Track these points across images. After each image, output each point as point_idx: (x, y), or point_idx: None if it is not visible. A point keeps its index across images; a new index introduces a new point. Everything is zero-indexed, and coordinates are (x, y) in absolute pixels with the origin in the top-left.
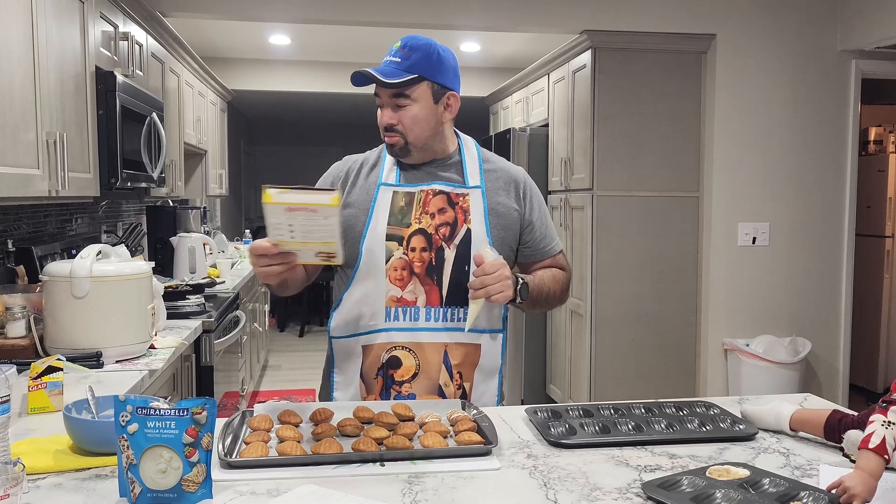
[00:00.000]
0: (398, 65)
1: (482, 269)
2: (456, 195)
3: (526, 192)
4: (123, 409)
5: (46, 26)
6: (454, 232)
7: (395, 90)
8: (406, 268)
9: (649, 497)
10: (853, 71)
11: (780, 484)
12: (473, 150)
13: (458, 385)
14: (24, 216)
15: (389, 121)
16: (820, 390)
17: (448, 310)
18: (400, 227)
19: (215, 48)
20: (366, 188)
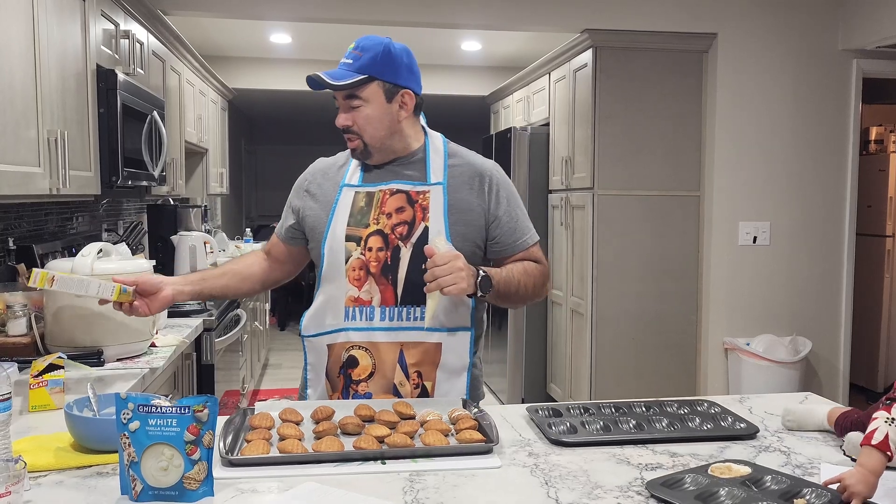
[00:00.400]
0: (349, 66)
1: (433, 261)
2: (416, 193)
3: (492, 186)
4: (125, 407)
5: (48, 24)
6: (412, 230)
7: (347, 91)
8: (363, 268)
9: (653, 496)
10: (854, 70)
11: (783, 481)
12: (440, 145)
13: (415, 384)
14: (25, 214)
15: (344, 122)
16: (820, 389)
17: (403, 309)
18: (359, 227)
19: (216, 46)
20: (330, 190)
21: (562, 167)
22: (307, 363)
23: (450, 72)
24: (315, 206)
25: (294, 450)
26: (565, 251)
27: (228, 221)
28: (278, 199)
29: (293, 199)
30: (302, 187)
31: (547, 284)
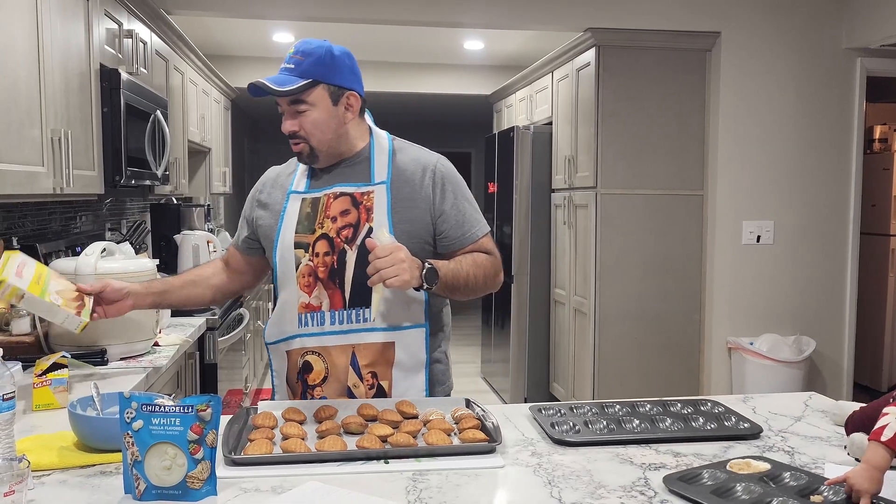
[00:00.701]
0: (291, 71)
1: (374, 254)
2: (360, 194)
3: (437, 180)
4: (128, 406)
5: (51, 23)
6: (356, 232)
7: (292, 97)
8: (312, 274)
9: (670, 490)
10: (858, 69)
11: (801, 478)
12: (385, 143)
13: (369, 385)
14: (29, 213)
15: (291, 128)
16: (824, 389)
17: (353, 311)
18: (306, 233)
19: (219, 46)
20: (279, 198)
21: (565, 166)
22: (273, 370)
23: (452, 71)
24: (266, 216)
25: (297, 449)
26: (568, 250)
27: (231, 220)
28: None
29: (246, 209)
30: (254, 197)
31: (499, 275)
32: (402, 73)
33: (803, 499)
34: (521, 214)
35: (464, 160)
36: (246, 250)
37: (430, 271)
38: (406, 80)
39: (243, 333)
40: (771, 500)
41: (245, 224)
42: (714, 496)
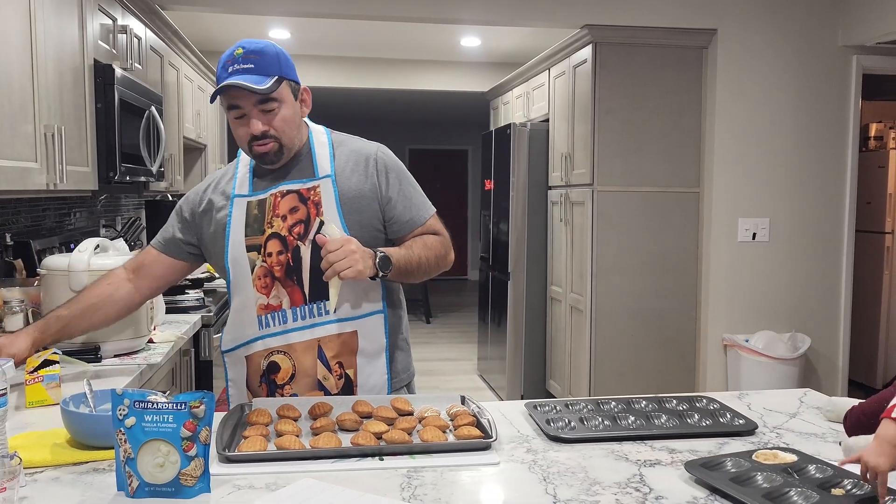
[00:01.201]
0: (253, 70)
1: (326, 248)
2: (306, 190)
3: (379, 168)
4: (121, 403)
5: (45, 18)
6: (308, 228)
7: (261, 96)
8: (267, 274)
9: (692, 476)
10: (854, 66)
11: (826, 470)
12: (324, 138)
13: (338, 375)
14: (23, 210)
15: (262, 128)
16: (819, 386)
17: (313, 306)
18: (256, 235)
19: (215, 42)
20: (222, 203)
21: (561, 163)
22: (228, 380)
23: (449, 68)
24: (211, 222)
25: (291, 446)
26: (565, 247)
27: None
28: None
29: (185, 214)
30: (195, 202)
31: (450, 254)
32: (399, 69)
33: (824, 491)
34: (518, 211)
35: (461, 157)
36: (178, 254)
37: (383, 259)
38: (402, 77)
39: None
40: (789, 490)
41: (182, 228)
42: (732, 483)
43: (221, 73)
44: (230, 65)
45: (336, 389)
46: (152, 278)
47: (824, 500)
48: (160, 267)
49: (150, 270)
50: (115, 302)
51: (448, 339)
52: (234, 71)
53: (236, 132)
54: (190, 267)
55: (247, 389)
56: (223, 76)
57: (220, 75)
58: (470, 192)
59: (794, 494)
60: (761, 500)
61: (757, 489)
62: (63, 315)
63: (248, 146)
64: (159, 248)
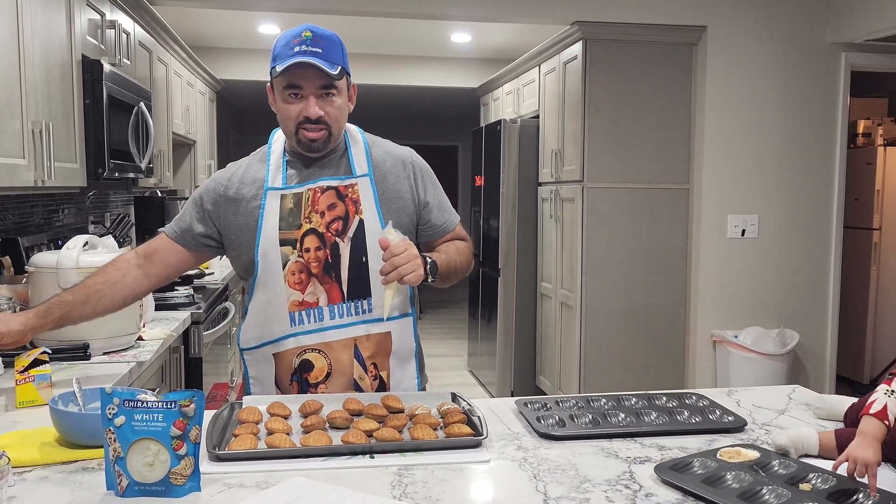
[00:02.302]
0: (321, 55)
1: (390, 252)
2: (344, 187)
3: (416, 171)
4: (110, 402)
5: (32, 14)
6: (347, 225)
7: (326, 82)
8: (303, 270)
9: (662, 480)
10: (843, 63)
11: (790, 466)
12: (358, 137)
13: (373, 376)
14: (10, 206)
15: (319, 112)
16: (807, 381)
17: (351, 304)
18: (291, 230)
19: (204, 37)
20: (253, 195)
21: (551, 160)
22: (249, 377)
23: (439, 64)
24: (238, 213)
25: (282, 444)
26: (555, 244)
27: None
28: None
29: (207, 205)
30: (218, 192)
31: (472, 259)
32: (389, 65)
33: (793, 486)
34: (508, 208)
35: (451, 153)
36: (194, 245)
37: (432, 265)
38: (393, 72)
39: (229, 327)
40: (761, 488)
41: (203, 219)
42: (705, 485)
43: (285, 50)
44: (296, 45)
45: (371, 390)
46: (164, 266)
47: (797, 497)
48: (173, 255)
49: (162, 258)
50: (122, 288)
51: (438, 336)
52: (301, 52)
53: (287, 113)
54: (203, 258)
55: (276, 388)
56: (287, 53)
57: (283, 52)
58: (460, 189)
59: (766, 493)
60: (736, 501)
61: (729, 490)
62: (67, 300)
63: (296, 128)
64: (173, 237)
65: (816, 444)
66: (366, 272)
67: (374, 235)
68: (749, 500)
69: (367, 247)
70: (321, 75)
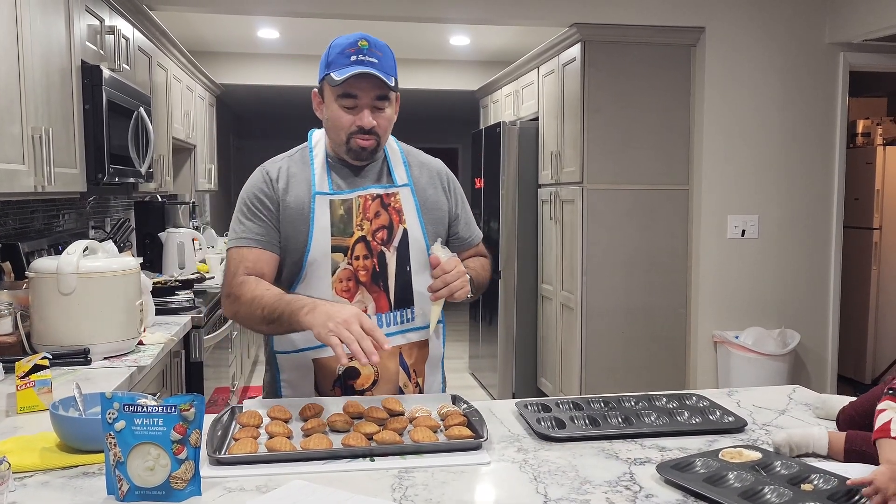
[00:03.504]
0: (377, 66)
1: (442, 269)
2: (387, 196)
3: (450, 184)
4: (110, 407)
5: (31, 19)
6: (391, 234)
7: (381, 92)
8: (351, 278)
9: (664, 480)
10: (841, 63)
11: (792, 466)
12: (395, 145)
13: (415, 383)
14: (11, 212)
15: (372, 122)
16: (809, 382)
17: (398, 313)
18: (343, 237)
19: (203, 42)
20: (303, 197)
21: (551, 161)
22: (281, 380)
23: (439, 66)
24: (293, 215)
25: (282, 448)
26: (555, 245)
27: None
28: None
29: (270, 206)
30: (272, 194)
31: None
32: None
33: (794, 487)
34: (508, 210)
35: (450, 156)
36: (277, 249)
37: (470, 281)
38: None
39: (229, 331)
40: (763, 487)
41: (274, 220)
42: (707, 484)
43: (340, 59)
44: (352, 54)
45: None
46: (271, 280)
47: (798, 497)
48: (273, 269)
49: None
50: None
51: None
52: (358, 61)
53: (340, 121)
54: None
55: (315, 393)
56: (344, 62)
57: (339, 60)
58: None
59: (768, 492)
60: (738, 500)
61: (731, 489)
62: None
63: (347, 137)
64: (266, 247)
65: (826, 445)
66: (409, 282)
67: (417, 246)
68: (751, 500)
69: (410, 257)
70: (378, 86)
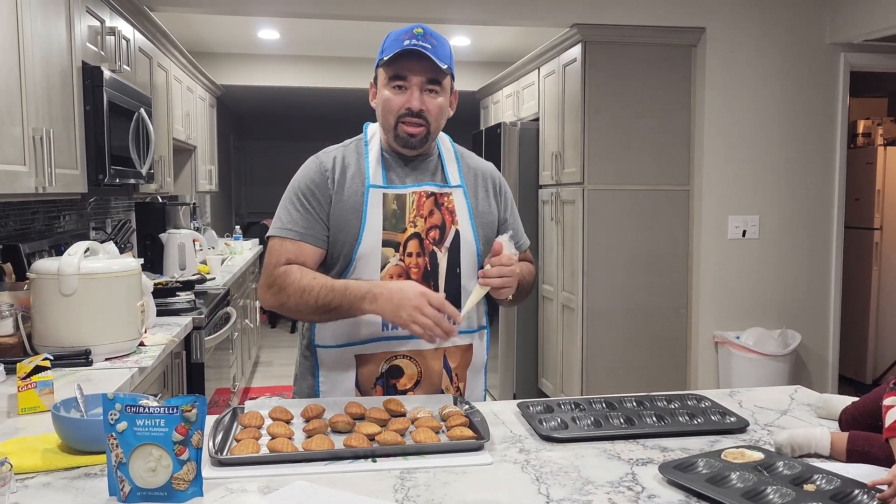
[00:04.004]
0: (430, 51)
1: (499, 260)
2: (441, 195)
3: (500, 189)
4: (112, 408)
5: (31, 21)
6: (444, 235)
7: (432, 75)
8: (402, 274)
9: (667, 480)
10: (842, 64)
11: (794, 467)
12: (449, 146)
13: (456, 387)
14: (12, 213)
15: (420, 105)
16: (810, 382)
17: (444, 315)
18: (395, 232)
19: (204, 43)
20: (356, 189)
21: (552, 162)
22: (319, 375)
23: None
24: (344, 206)
25: (284, 448)
26: (555, 246)
27: (218, 219)
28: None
29: (319, 197)
30: (323, 185)
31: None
32: None
33: (797, 487)
34: None
35: None
36: (323, 243)
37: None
38: None
39: (230, 332)
40: (765, 488)
41: (322, 213)
42: (709, 484)
43: (394, 44)
44: (407, 39)
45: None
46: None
47: (801, 497)
48: (318, 257)
49: (311, 267)
50: None
51: None
52: (414, 44)
53: (389, 104)
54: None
55: (356, 390)
56: (395, 47)
57: (392, 46)
58: None
59: (770, 493)
60: (741, 500)
61: (734, 489)
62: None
63: (395, 122)
64: (310, 241)
65: (828, 446)
66: (459, 285)
67: (468, 249)
68: (753, 500)
69: (461, 259)
70: (428, 68)
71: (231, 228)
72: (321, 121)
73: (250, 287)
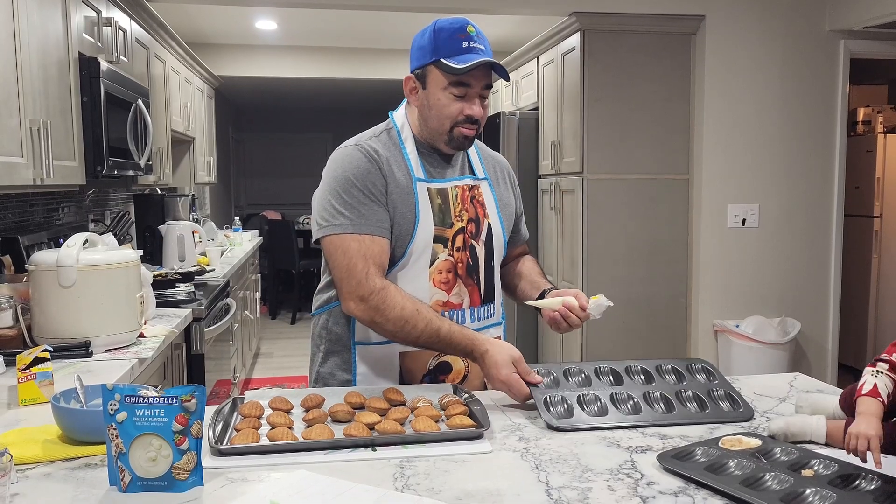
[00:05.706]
0: (485, 54)
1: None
2: (472, 188)
3: (514, 181)
4: (111, 398)
5: (28, 12)
6: (479, 228)
7: (489, 81)
8: (451, 270)
9: (665, 468)
10: (842, 51)
11: (792, 452)
12: None
13: None
14: (10, 205)
15: (481, 112)
16: (809, 370)
17: (484, 308)
18: (443, 227)
19: (201, 34)
20: (401, 183)
21: (551, 152)
22: (357, 373)
23: None
24: (395, 200)
25: (284, 438)
26: (555, 236)
27: (217, 210)
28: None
29: (381, 189)
30: (379, 178)
31: None
32: (386, 59)
33: (795, 473)
34: None
35: None
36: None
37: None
38: (390, 66)
39: (231, 323)
40: (763, 474)
41: (385, 206)
42: (708, 472)
43: (452, 44)
44: (463, 40)
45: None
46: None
47: (799, 483)
48: (388, 256)
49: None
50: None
51: None
52: (471, 48)
53: (447, 110)
54: None
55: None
56: (457, 48)
57: (450, 46)
58: None
59: (768, 479)
60: (739, 488)
61: (732, 477)
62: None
63: (452, 126)
64: (385, 234)
65: (824, 434)
66: (493, 277)
67: (498, 241)
68: (752, 487)
69: (493, 251)
70: (489, 75)
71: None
72: (320, 112)
73: (250, 278)
